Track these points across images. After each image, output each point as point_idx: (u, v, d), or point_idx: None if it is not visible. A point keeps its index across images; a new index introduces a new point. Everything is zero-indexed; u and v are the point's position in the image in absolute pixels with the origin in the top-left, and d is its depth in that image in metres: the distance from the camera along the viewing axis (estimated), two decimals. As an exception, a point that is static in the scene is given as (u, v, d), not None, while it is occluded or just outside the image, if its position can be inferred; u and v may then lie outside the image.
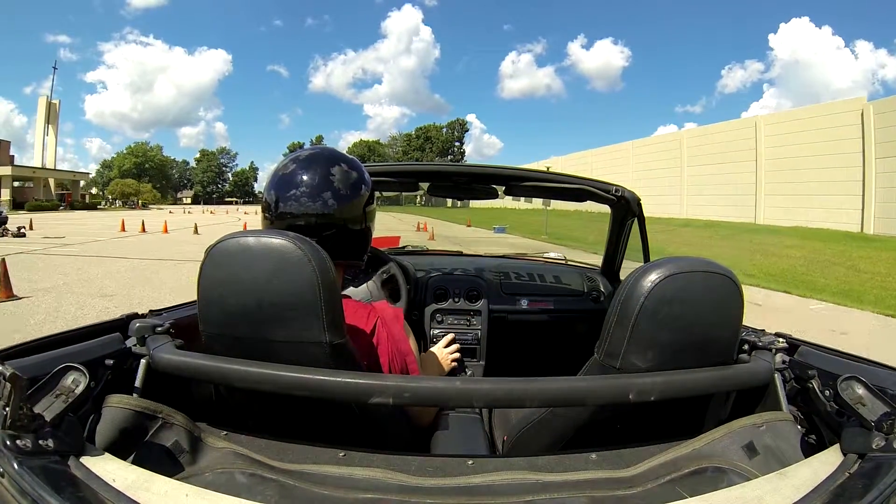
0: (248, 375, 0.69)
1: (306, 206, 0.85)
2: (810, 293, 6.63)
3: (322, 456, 0.68)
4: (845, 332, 4.68)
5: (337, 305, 0.75)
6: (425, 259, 2.19)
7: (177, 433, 0.66)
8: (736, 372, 0.79)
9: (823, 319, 5.28)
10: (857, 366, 0.77)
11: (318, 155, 0.90)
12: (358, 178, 0.89)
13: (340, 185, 0.87)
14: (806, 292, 6.69)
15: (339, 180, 0.87)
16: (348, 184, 0.87)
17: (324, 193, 0.85)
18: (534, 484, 0.64)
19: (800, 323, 4.99)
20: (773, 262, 9.68)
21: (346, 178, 0.87)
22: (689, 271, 0.75)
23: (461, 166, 1.77)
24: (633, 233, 1.79)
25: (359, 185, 0.89)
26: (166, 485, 0.54)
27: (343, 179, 0.87)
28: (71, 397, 0.58)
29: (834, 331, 4.72)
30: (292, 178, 0.86)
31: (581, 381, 0.76)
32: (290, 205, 0.86)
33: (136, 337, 0.80)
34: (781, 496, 0.55)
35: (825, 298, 6.33)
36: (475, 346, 1.82)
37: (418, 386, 0.69)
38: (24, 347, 0.71)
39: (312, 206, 0.85)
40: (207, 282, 0.73)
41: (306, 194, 0.85)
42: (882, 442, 0.58)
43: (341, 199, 0.86)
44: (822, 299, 6.31)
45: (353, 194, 0.88)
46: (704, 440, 0.71)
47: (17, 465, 0.50)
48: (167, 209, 40.84)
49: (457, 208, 35.82)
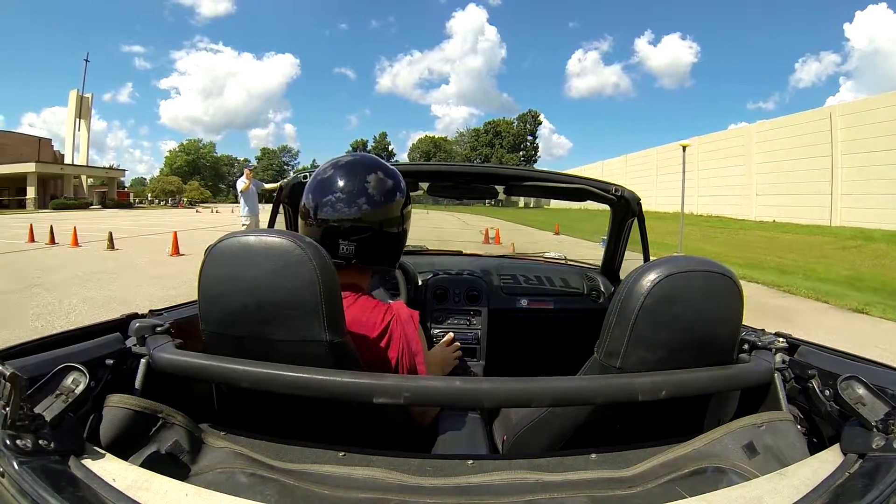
0: (249, 375, 0.69)
1: (341, 212, 0.89)
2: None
3: (322, 456, 0.68)
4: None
5: (337, 304, 0.75)
6: (425, 259, 2.19)
7: (177, 433, 0.66)
8: (736, 372, 0.79)
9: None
10: (857, 365, 0.77)
11: (355, 162, 0.94)
12: (393, 185, 0.93)
13: (375, 191, 0.90)
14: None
15: (374, 187, 0.90)
16: (383, 191, 0.91)
17: (359, 199, 0.89)
18: (534, 484, 0.64)
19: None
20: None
21: (382, 185, 0.91)
22: (688, 271, 0.75)
23: (461, 166, 1.77)
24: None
25: (394, 193, 0.93)
26: (166, 485, 0.54)
27: (378, 187, 0.91)
28: (71, 397, 0.58)
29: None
30: (330, 184, 0.90)
31: (582, 380, 0.76)
32: (327, 210, 0.89)
33: (136, 337, 0.80)
34: (781, 496, 0.55)
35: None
36: (475, 345, 1.82)
37: (418, 386, 0.69)
38: (24, 347, 0.71)
39: (348, 211, 0.89)
40: (208, 280, 0.73)
41: (342, 200, 0.89)
42: (882, 442, 0.58)
43: (375, 204, 0.90)
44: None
45: (387, 201, 0.92)
46: (704, 440, 0.71)
47: (17, 465, 0.50)
48: (212, 208, 38.16)
49: (529, 209, 31.93)
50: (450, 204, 22.67)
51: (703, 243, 10.94)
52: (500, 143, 67.83)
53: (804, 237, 13.70)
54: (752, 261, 9.44)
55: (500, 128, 69.95)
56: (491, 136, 69.11)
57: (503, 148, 67.19)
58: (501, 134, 69.03)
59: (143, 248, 10.02)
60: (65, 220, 17.85)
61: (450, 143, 73.63)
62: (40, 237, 10.58)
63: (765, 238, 14.35)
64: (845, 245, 11.72)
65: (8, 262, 7.88)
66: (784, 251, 11.05)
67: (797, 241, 12.91)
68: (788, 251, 11.07)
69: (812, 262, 9.44)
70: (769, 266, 8.84)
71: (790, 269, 8.68)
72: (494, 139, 68.68)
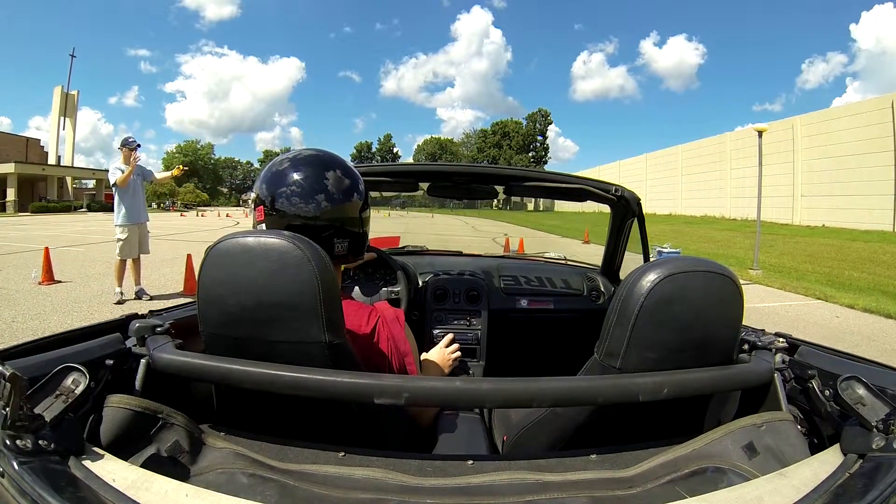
0: (249, 375, 0.68)
1: (298, 207, 0.86)
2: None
3: (322, 456, 0.68)
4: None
5: (336, 306, 0.75)
6: (425, 259, 2.19)
7: (177, 433, 0.66)
8: (736, 372, 0.79)
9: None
10: (857, 366, 0.77)
11: (313, 157, 0.90)
12: (351, 184, 0.91)
13: (334, 188, 0.88)
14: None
15: (333, 184, 0.88)
16: (341, 189, 0.89)
17: (317, 196, 0.86)
18: (534, 484, 0.64)
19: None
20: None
21: (340, 183, 0.89)
22: (688, 271, 0.75)
23: (461, 166, 1.77)
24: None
25: (351, 192, 0.90)
26: (166, 485, 0.54)
27: (336, 184, 0.88)
28: (71, 397, 0.58)
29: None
30: (285, 176, 0.87)
31: (582, 381, 0.76)
32: (282, 202, 0.86)
33: (136, 337, 0.80)
34: (781, 496, 0.55)
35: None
36: (475, 346, 1.82)
37: (419, 386, 0.69)
38: (24, 347, 0.71)
39: (305, 207, 0.86)
40: (207, 281, 0.73)
41: (297, 193, 0.86)
42: (882, 442, 0.58)
43: (334, 201, 0.87)
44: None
45: (346, 199, 0.89)
46: (704, 440, 0.71)
47: (17, 465, 0.50)
48: (198, 211, 36.60)
49: (540, 212, 29.66)
50: (456, 207, 21.97)
51: (765, 255, 8.59)
52: (509, 144, 67.17)
53: (879, 245, 11.75)
54: (834, 277, 7.90)
55: (509, 128, 69.23)
56: (499, 137, 68.43)
57: (511, 149, 66.53)
58: (510, 135, 68.34)
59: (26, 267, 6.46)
60: (17, 225, 15.76)
61: (456, 145, 73.13)
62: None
63: (831, 247, 12.31)
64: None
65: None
66: (866, 264, 9.25)
67: (873, 251, 10.87)
68: (871, 263, 9.31)
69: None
70: (862, 285, 7.08)
71: (893, 289, 6.74)
72: (502, 140, 68.01)
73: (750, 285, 7.22)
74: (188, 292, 5.35)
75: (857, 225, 16.11)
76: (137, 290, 5.09)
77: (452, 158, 65.23)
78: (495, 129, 70.25)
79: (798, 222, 18.81)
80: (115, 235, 4.89)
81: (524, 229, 15.70)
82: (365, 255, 0.97)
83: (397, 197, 4.85)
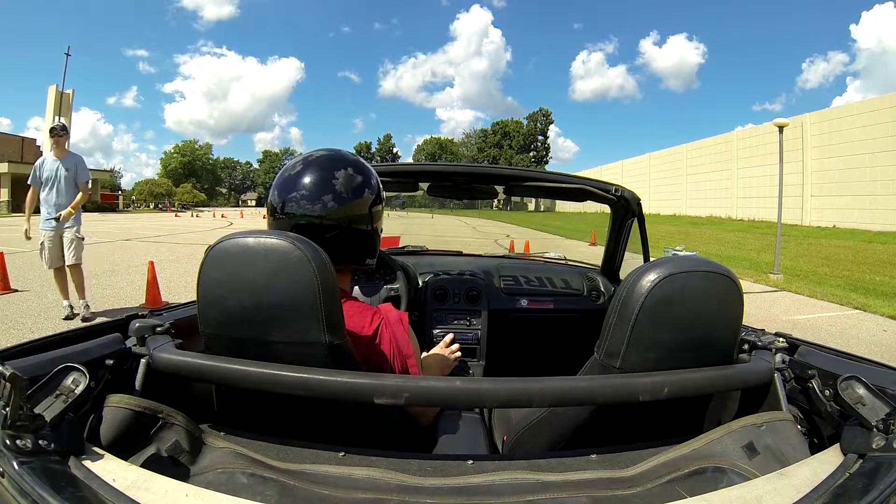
0: (249, 376, 0.68)
1: (305, 208, 0.86)
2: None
3: (322, 456, 0.68)
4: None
5: (336, 306, 0.75)
6: (425, 259, 2.19)
7: (177, 433, 0.66)
8: (736, 372, 0.79)
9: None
10: (857, 366, 0.77)
11: (324, 157, 0.90)
12: (363, 181, 0.90)
13: (342, 188, 0.87)
14: None
15: (342, 183, 0.87)
16: (351, 187, 0.88)
17: (324, 196, 0.86)
18: (534, 484, 0.64)
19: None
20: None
21: (350, 181, 0.88)
22: (688, 271, 0.75)
23: (460, 166, 1.77)
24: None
25: (362, 189, 0.90)
26: (166, 485, 0.54)
27: (346, 182, 0.88)
28: (71, 397, 0.59)
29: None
30: (296, 180, 0.87)
31: (582, 381, 0.76)
32: (292, 206, 0.87)
33: (136, 337, 0.80)
34: (781, 496, 0.55)
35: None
36: (475, 346, 1.82)
37: (419, 386, 0.69)
38: (24, 347, 0.71)
39: (311, 207, 0.86)
40: (207, 282, 0.73)
41: (306, 196, 0.86)
42: (882, 442, 0.58)
43: (342, 201, 0.87)
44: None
45: (355, 197, 0.89)
46: (704, 440, 0.71)
47: (17, 465, 0.50)
48: (192, 212, 35.62)
49: (541, 212, 29.21)
50: (456, 207, 21.97)
51: (780, 257, 7.89)
52: (510, 144, 66.81)
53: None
54: (855, 281, 7.44)
55: (510, 128, 68.85)
56: (499, 137, 68.03)
57: (512, 149, 66.16)
58: (510, 134, 67.96)
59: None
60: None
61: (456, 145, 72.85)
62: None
63: (847, 249, 11.89)
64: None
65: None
66: (886, 267, 8.81)
67: (892, 254, 10.42)
68: (891, 266, 8.85)
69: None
70: (887, 290, 6.69)
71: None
72: (503, 140, 67.66)
73: (776, 292, 6.83)
74: (149, 305, 4.54)
75: (871, 226, 15.67)
76: (82, 304, 4.28)
77: (452, 158, 65.07)
78: (496, 128, 69.88)
79: (808, 223, 18.30)
80: (42, 240, 4.18)
81: (526, 230, 15.39)
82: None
83: (397, 197, 4.84)
